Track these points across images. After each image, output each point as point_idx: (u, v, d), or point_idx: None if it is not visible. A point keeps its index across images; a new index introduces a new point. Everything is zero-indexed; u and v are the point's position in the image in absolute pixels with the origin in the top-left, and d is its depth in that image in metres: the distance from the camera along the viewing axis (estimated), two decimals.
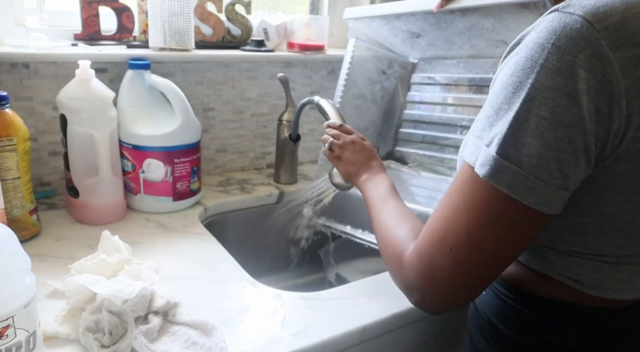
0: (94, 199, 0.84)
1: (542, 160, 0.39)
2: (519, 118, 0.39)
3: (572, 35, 0.37)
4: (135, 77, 0.91)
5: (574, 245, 0.47)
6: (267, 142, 1.19)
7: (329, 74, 1.22)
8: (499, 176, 0.40)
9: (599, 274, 0.47)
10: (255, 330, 0.60)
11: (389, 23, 0.91)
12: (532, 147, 0.39)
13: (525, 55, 0.39)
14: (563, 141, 0.38)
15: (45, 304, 0.61)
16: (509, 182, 0.40)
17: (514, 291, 0.53)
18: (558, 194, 0.40)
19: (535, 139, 0.39)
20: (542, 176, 0.39)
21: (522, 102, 0.39)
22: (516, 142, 0.39)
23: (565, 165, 0.39)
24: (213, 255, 0.78)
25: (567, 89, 0.37)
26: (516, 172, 0.40)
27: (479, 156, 0.42)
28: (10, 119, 0.71)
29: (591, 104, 0.37)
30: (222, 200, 1.00)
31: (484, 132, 0.42)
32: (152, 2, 0.95)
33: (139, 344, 0.54)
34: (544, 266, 0.50)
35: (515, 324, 0.53)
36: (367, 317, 0.64)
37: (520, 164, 0.39)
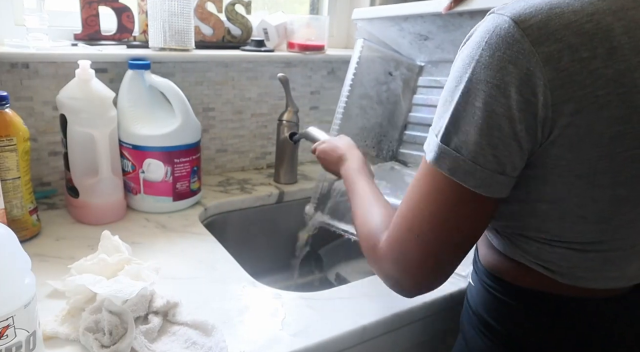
0: (94, 199, 0.84)
1: (477, 146, 0.43)
2: (458, 108, 0.44)
3: (501, 34, 0.41)
4: (135, 77, 0.91)
5: (540, 232, 0.49)
6: (267, 142, 1.19)
7: (329, 74, 1.22)
8: (441, 161, 0.45)
9: (568, 261, 0.49)
10: (255, 330, 0.60)
11: (397, 24, 0.92)
12: (469, 134, 0.43)
13: (466, 52, 0.44)
14: (494, 128, 0.42)
15: (45, 304, 0.61)
16: (449, 166, 0.45)
17: (498, 282, 0.55)
18: (494, 177, 0.44)
19: (471, 127, 0.43)
20: (478, 160, 0.43)
21: (460, 94, 0.44)
22: (456, 130, 0.44)
23: (497, 150, 0.43)
24: (213, 255, 0.78)
25: (496, 81, 0.41)
26: (455, 157, 0.44)
27: (429, 145, 0.48)
28: (10, 119, 0.71)
29: (518, 94, 0.41)
30: (222, 200, 1.00)
31: (435, 124, 0.47)
32: (152, 2, 0.95)
33: (139, 344, 0.54)
34: (518, 254, 0.52)
35: (502, 316, 0.55)
36: (367, 317, 0.64)
37: (460, 150, 0.44)
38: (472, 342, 0.59)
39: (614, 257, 0.48)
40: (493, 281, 0.56)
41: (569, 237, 0.47)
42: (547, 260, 0.50)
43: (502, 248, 0.54)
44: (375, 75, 1.03)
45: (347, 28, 1.36)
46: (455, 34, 0.87)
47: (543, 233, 0.48)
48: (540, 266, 0.50)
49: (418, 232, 0.48)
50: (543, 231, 0.48)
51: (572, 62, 0.40)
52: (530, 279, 0.52)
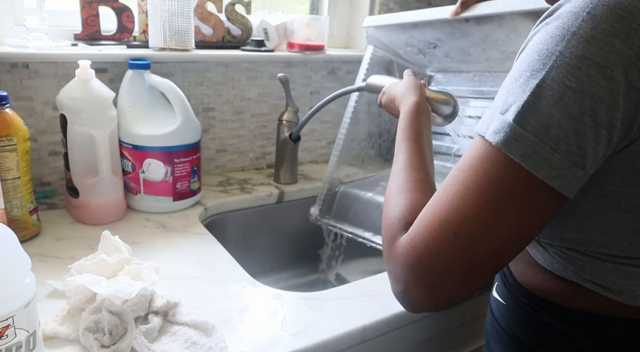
0: (94, 199, 0.84)
1: (561, 131, 0.36)
2: (543, 86, 0.37)
3: (610, 4, 0.35)
4: (135, 77, 0.91)
5: (604, 246, 0.43)
6: (267, 142, 1.19)
7: (329, 74, 1.22)
8: (512, 144, 0.37)
9: (630, 279, 0.44)
10: (255, 330, 0.60)
11: (406, 32, 0.92)
12: (553, 117, 0.36)
13: (557, 24, 0.37)
14: (586, 114, 0.36)
15: (45, 304, 0.61)
16: (523, 151, 0.37)
17: (538, 301, 0.50)
18: (572, 171, 0.37)
19: (556, 109, 0.36)
20: (559, 148, 0.37)
21: (547, 69, 0.37)
22: (536, 110, 0.37)
23: (584, 140, 0.36)
24: (213, 255, 0.78)
25: (597, 58, 0.35)
26: (532, 141, 0.37)
27: (491, 125, 0.39)
28: (10, 119, 0.71)
29: (622, 76, 0.35)
30: (222, 200, 1.00)
31: (503, 102, 0.39)
32: (152, 2, 0.95)
33: (139, 344, 0.54)
34: (570, 272, 0.47)
35: (540, 336, 0.50)
36: (367, 317, 0.64)
37: (539, 134, 0.37)
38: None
39: None
40: (534, 301, 0.50)
41: (636, 252, 0.42)
42: (606, 278, 0.44)
43: (550, 265, 0.48)
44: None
45: (347, 28, 1.36)
46: (462, 42, 0.87)
47: (606, 248, 0.43)
48: (597, 285, 0.45)
49: (456, 230, 0.39)
50: (607, 245, 0.43)
51: None
52: (582, 300, 0.46)
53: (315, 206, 0.99)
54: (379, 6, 1.26)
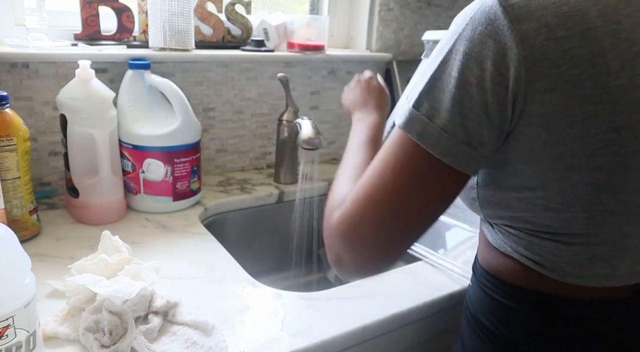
0: (94, 199, 0.84)
1: (448, 114, 0.44)
2: (435, 76, 0.45)
3: (485, 10, 0.44)
4: (135, 77, 0.91)
5: (527, 222, 0.49)
6: (267, 142, 1.19)
7: (329, 74, 1.22)
8: (410, 125, 0.46)
9: (555, 255, 0.49)
10: (255, 330, 0.60)
11: None
12: (441, 102, 0.44)
13: (452, 27, 0.46)
14: (466, 97, 0.43)
15: (45, 304, 0.61)
16: (419, 131, 0.45)
17: (492, 280, 0.55)
18: (461, 148, 0.44)
19: (443, 95, 0.44)
20: (447, 128, 0.44)
21: (439, 63, 0.45)
22: (429, 97, 0.45)
23: (467, 121, 0.44)
24: (213, 255, 0.78)
25: (474, 53, 0.43)
26: (425, 122, 0.45)
27: (400, 111, 0.48)
28: (10, 119, 0.71)
29: (493, 67, 0.43)
30: (222, 200, 1.00)
31: (408, 90, 0.49)
32: (152, 2, 0.95)
33: (139, 344, 0.54)
34: (509, 248, 0.52)
35: (496, 317, 0.54)
36: (367, 317, 0.64)
37: (431, 117, 0.45)
38: (469, 346, 0.59)
39: (602, 252, 0.48)
40: (488, 280, 0.56)
41: (555, 227, 0.48)
42: (536, 253, 0.50)
43: (495, 242, 0.54)
44: None
45: (347, 28, 1.36)
46: None
47: (530, 224, 0.49)
48: (530, 261, 0.50)
49: (377, 200, 0.46)
50: (530, 221, 0.49)
51: (547, 40, 0.42)
52: (522, 276, 0.52)
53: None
54: (379, 6, 1.26)
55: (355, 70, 1.26)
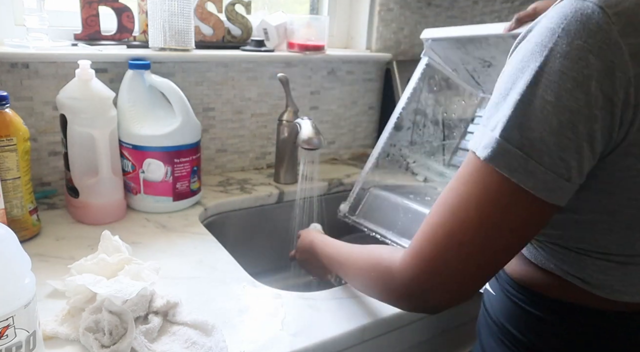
0: (94, 199, 0.84)
1: (543, 144, 0.38)
2: (524, 101, 0.39)
3: (583, 20, 0.37)
4: (135, 77, 0.91)
5: (581, 242, 0.46)
6: (267, 142, 1.19)
7: (329, 74, 1.22)
8: (499, 159, 0.40)
9: (606, 274, 0.46)
10: (255, 330, 0.60)
11: (462, 47, 0.92)
12: (535, 131, 0.38)
13: (535, 40, 0.39)
14: (566, 127, 0.38)
15: (45, 304, 0.61)
16: (509, 165, 0.40)
17: (524, 292, 0.52)
18: (558, 182, 0.39)
19: (538, 123, 0.38)
20: (543, 161, 0.39)
21: (527, 84, 0.39)
22: (519, 125, 0.39)
23: (567, 153, 0.38)
24: (213, 255, 0.78)
25: (574, 73, 0.37)
26: (517, 155, 0.39)
27: (482, 140, 0.42)
28: (10, 119, 0.71)
29: (598, 90, 0.37)
30: (222, 200, 1.00)
31: (489, 119, 0.42)
32: (152, 2, 0.95)
33: (139, 344, 0.54)
34: (552, 265, 0.49)
35: (527, 327, 0.52)
36: (367, 317, 0.64)
37: (522, 148, 0.39)
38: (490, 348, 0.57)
39: None
40: (519, 291, 0.52)
41: (612, 249, 0.44)
42: (585, 272, 0.46)
43: (534, 257, 0.51)
44: (435, 96, 1.05)
45: (347, 28, 1.36)
46: None
47: (585, 244, 0.45)
48: (576, 278, 0.47)
49: (461, 239, 0.43)
50: (586, 241, 0.45)
51: None
52: (563, 291, 0.48)
53: (346, 203, 1.00)
54: (379, 6, 1.26)
55: (355, 70, 1.26)
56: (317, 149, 0.95)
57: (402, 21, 1.32)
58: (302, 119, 0.98)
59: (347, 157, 1.35)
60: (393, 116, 0.98)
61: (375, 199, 0.99)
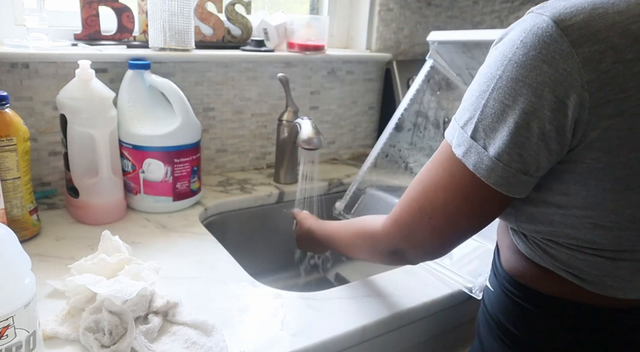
0: (94, 199, 0.84)
1: (503, 144, 0.43)
2: (488, 105, 0.44)
3: (538, 33, 0.41)
4: (135, 77, 0.91)
5: (572, 238, 0.47)
6: (267, 142, 1.19)
7: (329, 74, 1.22)
8: (467, 156, 0.46)
9: (599, 269, 0.48)
10: (255, 330, 0.60)
11: (468, 51, 0.91)
12: (496, 131, 0.43)
13: (499, 50, 0.44)
14: (522, 127, 0.42)
15: (45, 304, 0.61)
16: (474, 161, 0.45)
17: (522, 289, 0.54)
18: (517, 177, 0.44)
19: (499, 124, 0.43)
20: (502, 158, 0.44)
21: (490, 91, 0.43)
22: (485, 126, 0.44)
23: (524, 150, 0.43)
24: (213, 255, 0.78)
25: (529, 80, 0.41)
26: (481, 153, 0.45)
27: (455, 136, 0.48)
28: (10, 119, 0.71)
29: (550, 94, 0.40)
30: (222, 200, 1.00)
31: (460, 115, 0.48)
32: (152, 2, 0.95)
33: (139, 344, 0.54)
34: (546, 260, 0.50)
35: (524, 323, 0.54)
36: (367, 317, 0.64)
37: (486, 146, 0.44)
38: (490, 349, 0.58)
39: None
40: (515, 288, 0.54)
41: (602, 244, 0.46)
42: (577, 267, 0.48)
43: (529, 253, 0.53)
44: (438, 100, 1.05)
45: (347, 28, 1.36)
46: None
47: (574, 239, 0.47)
48: (570, 274, 0.49)
49: (431, 215, 0.51)
50: (575, 237, 0.47)
51: (614, 63, 0.39)
52: (557, 286, 0.50)
53: (342, 201, 1.01)
54: (379, 6, 1.26)
55: (355, 70, 1.26)
56: (317, 149, 0.95)
57: (402, 21, 1.32)
58: (302, 119, 0.98)
59: (347, 157, 1.35)
60: (394, 117, 0.98)
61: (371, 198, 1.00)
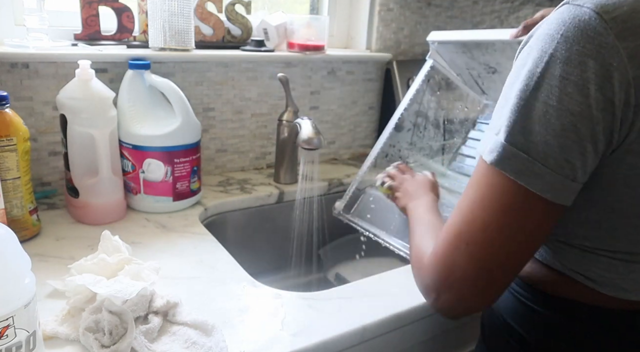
0: (94, 199, 0.84)
1: (547, 147, 0.40)
2: (527, 105, 0.40)
3: (580, 26, 0.38)
4: (135, 77, 0.91)
5: (586, 240, 0.46)
6: (267, 142, 1.19)
7: (329, 74, 1.22)
8: (506, 162, 0.42)
9: (611, 272, 0.46)
10: (255, 330, 0.60)
11: (468, 51, 0.92)
12: (539, 134, 0.40)
13: (535, 46, 0.41)
14: (569, 129, 0.39)
15: (45, 304, 0.61)
16: (515, 168, 0.41)
17: (530, 290, 0.53)
18: (564, 183, 0.41)
19: (541, 127, 0.40)
20: (548, 163, 0.40)
21: (531, 90, 0.40)
22: (523, 129, 0.41)
23: (571, 154, 0.40)
24: (213, 255, 0.78)
25: (574, 78, 0.38)
26: (523, 158, 0.41)
27: (488, 145, 0.44)
28: (10, 119, 0.71)
29: (598, 92, 0.38)
30: (222, 200, 1.00)
31: (496, 122, 0.44)
32: (152, 2, 0.95)
33: (139, 344, 0.54)
34: (558, 262, 0.49)
35: (532, 325, 0.53)
36: (367, 317, 0.64)
37: (528, 151, 0.40)
38: (493, 346, 0.57)
39: None
40: (524, 289, 0.53)
41: (616, 246, 0.45)
42: (589, 269, 0.47)
43: (539, 255, 0.51)
44: (438, 100, 1.05)
45: (347, 28, 1.36)
46: None
47: (588, 241, 0.46)
48: (581, 276, 0.48)
49: (467, 240, 0.44)
50: (588, 239, 0.46)
51: None
52: (567, 288, 0.49)
53: (341, 201, 1.01)
54: (379, 6, 1.26)
55: (355, 70, 1.26)
56: (317, 149, 0.95)
57: (402, 21, 1.32)
58: (302, 119, 0.98)
59: (347, 157, 1.35)
60: (394, 117, 0.98)
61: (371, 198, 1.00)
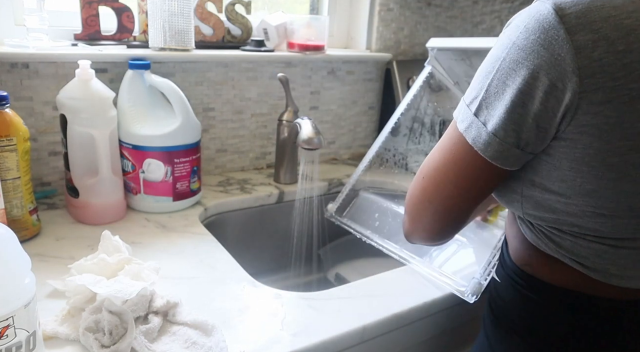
0: (94, 199, 0.84)
1: (500, 120, 0.46)
2: (492, 85, 0.47)
3: (540, 19, 0.44)
4: (135, 77, 0.91)
5: (574, 226, 0.49)
6: (267, 142, 1.19)
7: (329, 74, 1.22)
8: (468, 131, 0.50)
9: (601, 257, 0.49)
10: (255, 330, 0.60)
11: (467, 59, 0.92)
12: (496, 109, 0.47)
13: (506, 34, 0.47)
14: (518, 105, 0.45)
15: (45, 304, 0.61)
16: (473, 136, 0.49)
17: (526, 277, 0.55)
18: (510, 151, 0.47)
19: (499, 102, 0.47)
20: (498, 133, 0.47)
21: (495, 72, 0.47)
22: (487, 104, 0.48)
23: (517, 126, 0.46)
24: (213, 255, 0.78)
25: (527, 63, 0.44)
26: (480, 128, 0.48)
27: (460, 113, 0.52)
28: (10, 119, 0.71)
29: (546, 77, 0.43)
30: (222, 200, 1.00)
31: (468, 94, 0.51)
32: (152, 2, 0.95)
33: (139, 344, 0.54)
34: (552, 248, 0.52)
35: (528, 313, 0.55)
36: (367, 317, 0.64)
37: (485, 122, 0.48)
38: (495, 340, 0.59)
39: None
40: (521, 277, 0.56)
41: (603, 232, 0.48)
42: (581, 255, 0.50)
43: (535, 241, 0.54)
44: (435, 106, 1.05)
45: (347, 28, 1.36)
46: None
47: (577, 227, 0.49)
48: (574, 261, 0.51)
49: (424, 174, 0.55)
50: (577, 225, 0.49)
51: (606, 53, 0.42)
52: (562, 275, 0.52)
53: (334, 203, 1.00)
54: (379, 6, 1.26)
55: (355, 70, 1.26)
56: (317, 149, 0.95)
57: (402, 21, 1.32)
58: (302, 119, 0.98)
59: (347, 157, 1.35)
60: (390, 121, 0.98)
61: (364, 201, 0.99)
